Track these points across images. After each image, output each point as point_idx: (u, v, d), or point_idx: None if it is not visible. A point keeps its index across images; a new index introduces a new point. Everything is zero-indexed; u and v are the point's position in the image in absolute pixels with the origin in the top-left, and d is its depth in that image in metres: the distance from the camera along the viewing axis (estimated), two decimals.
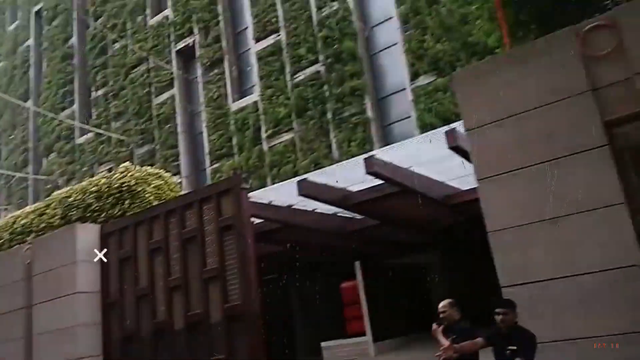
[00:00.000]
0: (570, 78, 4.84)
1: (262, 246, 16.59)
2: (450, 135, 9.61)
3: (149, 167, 11.36)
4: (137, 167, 11.00)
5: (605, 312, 4.45)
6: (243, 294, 7.48)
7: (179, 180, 24.36)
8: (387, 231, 15.86)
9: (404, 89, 18.60)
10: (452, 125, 8.83)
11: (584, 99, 4.76)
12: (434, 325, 5.00)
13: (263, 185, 19.77)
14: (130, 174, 10.56)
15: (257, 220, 14.38)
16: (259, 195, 14.18)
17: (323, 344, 16.82)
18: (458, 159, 10.10)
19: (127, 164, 11.02)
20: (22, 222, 11.89)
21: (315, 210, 14.36)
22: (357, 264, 16.70)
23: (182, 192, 13.01)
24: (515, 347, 4.05)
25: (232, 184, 8.24)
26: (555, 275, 4.72)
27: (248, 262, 7.57)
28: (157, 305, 8.63)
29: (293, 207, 13.90)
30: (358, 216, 14.73)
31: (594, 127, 4.66)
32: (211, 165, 23.65)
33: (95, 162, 27.78)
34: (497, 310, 4.30)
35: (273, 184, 18.94)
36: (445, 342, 4.65)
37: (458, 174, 11.50)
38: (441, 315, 5.09)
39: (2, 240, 12.16)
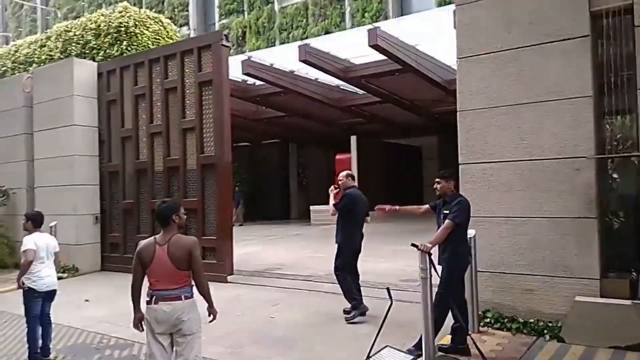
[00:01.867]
0: None
1: (262, 109, 16.99)
2: (373, 34, 9.81)
3: (148, 11, 11.13)
4: (137, 9, 10.79)
5: (546, 197, 4.76)
6: (217, 146, 7.97)
7: (188, 32, 23.86)
8: (386, 110, 15.92)
9: None
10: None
11: None
12: (332, 188, 5.98)
13: (271, 48, 19.40)
14: (129, 14, 10.41)
15: (257, 82, 14.47)
16: (262, 57, 14.06)
17: (312, 207, 17.82)
18: None
19: (125, 3, 10.77)
20: (25, 51, 11.99)
21: (318, 80, 14.31)
22: (353, 138, 17.02)
23: None
24: (447, 211, 4.44)
25: (213, 39, 8.28)
26: (510, 158, 4.96)
27: (224, 118, 7.93)
28: (140, 148, 9.24)
29: (295, 73, 13.84)
30: (360, 91, 14.70)
31: (580, 16, 4.55)
32: (220, 20, 22.93)
33: (103, 1, 26.89)
34: (435, 179, 4.65)
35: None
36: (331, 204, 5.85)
37: None
38: (339, 182, 6.00)
39: (4, 68, 12.37)
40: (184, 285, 3.36)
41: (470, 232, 4.78)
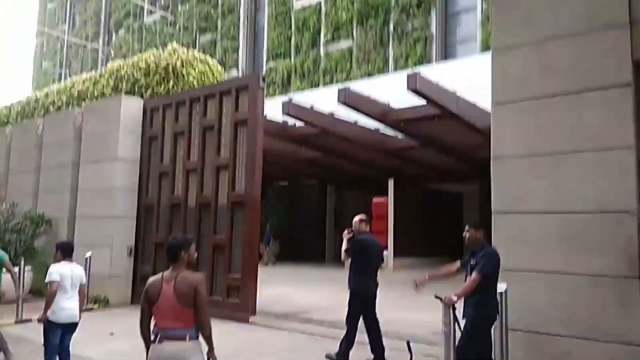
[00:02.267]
0: (610, 6, 4.47)
1: (302, 150, 17.14)
2: (412, 78, 9.76)
3: (196, 52, 11.61)
4: (184, 50, 11.26)
5: (584, 252, 4.46)
6: (248, 184, 8.06)
7: (237, 74, 24.69)
8: (426, 154, 15.73)
9: (474, 8, 17.46)
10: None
11: (618, 31, 4.40)
12: (345, 232, 5.98)
13: (314, 89, 19.77)
14: (177, 55, 10.86)
15: (298, 123, 14.68)
16: (304, 98, 14.32)
17: None
18: None
19: (175, 45, 11.28)
20: (79, 88, 12.67)
21: (357, 123, 14.37)
22: (391, 181, 16.86)
23: None
24: (474, 262, 4.24)
25: (250, 81, 8.54)
26: (548, 209, 4.70)
27: (255, 157, 8.07)
28: (176, 184, 9.47)
29: (334, 115, 13.96)
30: (400, 135, 14.64)
31: (622, 64, 4.36)
32: (267, 63, 23.70)
33: (160, 43, 28.39)
34: (466, 228, 4.46)
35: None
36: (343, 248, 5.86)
37: None
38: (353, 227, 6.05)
39: (59, 103, 13.09)
40: (189, 325, 3.22)
41: (502, 287, 4.52)
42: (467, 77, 11.09)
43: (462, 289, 4.12)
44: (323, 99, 13.67)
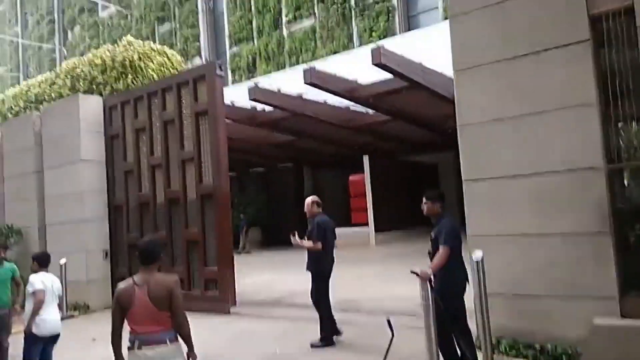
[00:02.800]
0: None
1: (275, 134, 16.94)
2: (376, 52, 9.68)
3: (152, 43, 11.25)
4: (140, 42, 10.90)
5: (556, 212, 4.47)
6: (215, 175, 7.92)
7: (200, 62, 24.21)
8: (398, 127, 15.70)
9: None
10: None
11: None
12: (292, 238, 6.07)
13: (280, 72, 19.50)
14: (132, 48, 10.51)
15: (267, 108, 14.46)
16: (271, 82, 14.08)
17: None
18: None
19: (130, 37, 10.90)
20: (35, 90, 12.21)
21: (326, 102, 14.22)
22: (366, 158, 16.83)
23: None
24: (434, 236, 4.27)
25: (207, 70, 8.33)
26: (515, 172, 4.68)
27: (220, 147, 7.90)
28: (142, 181, 9.25)
29: (303, 96, 13.77)
30: (370, 111, 14.54)
31: (578, 20, 4.32)
32: (230, 48, 23.27)
33: (117, 37, 27.57)
34: (423, 200, 4.48)
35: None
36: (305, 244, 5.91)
37: None
38: (305, 209, 6.19)
39: (17, 108, 12.61)
40: (167, 328, 3.15)
41: (478, 254, 4.51)
42: (432, 47, 10.98)
43: (434, 263, 4.13)
44: (291, 81, 13.45)
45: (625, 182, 4.36)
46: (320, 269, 5.91)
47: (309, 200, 6.27)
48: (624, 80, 4.19)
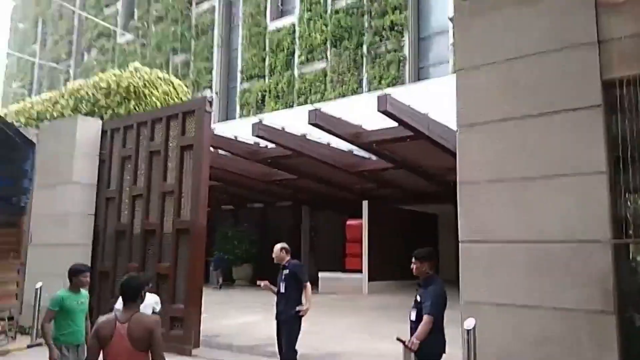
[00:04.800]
0: (577, 26, 4.25)
1: (274, 171, 16.76)
2: (382, 99, 9.68)
3: (158, 71, 11.27)
4: (148, 70, 10.90)
5: (556, 285, 4.16)
6: (193, 210, 7.83)
7: (211, 95, 24.48)
8: (400, 176, 15.52)
9: (447, 31, 17.53)
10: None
11: (586, 51, 4.17)
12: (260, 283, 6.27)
13: (287, 110, 19.55)
14: (139, 75, 10.49)
15: (270, 145, 14.35)
16: (277, 120, 14.02)
17: (321, 274, 17.12)
18: None
19: (137, 64, 10.92)
20: (38, 108, 12.14)
21: (330, 144, 14.10)
22: (365, 203, 16.57)
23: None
24: (421, 298, 4.08)
25: (197, 105, 8.35)
26: (515, 238, 4.40)
27: (201, 183, 7.87)
28: (122, 210, 9.12)
29: (307, 136, 13.67)
30: (373, 157, 14.39)
31: (590, 85, 4.14)
32: (241, 83, 23.50)
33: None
34: (412, 259, 4.25)
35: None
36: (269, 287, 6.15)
37: None
38: (273, 255, 6.33)
39: (18, 124, 12.50)
40: None
41: (470, 323, 4.21)
42: (439, 99, 10.92)
43: (419, 332, 4.01)
44: (297, 120, 13.38)
45: (632, 258, 4.06)
46: (297, 314, 5.93)
47: (278, 247, 6.32)
48: (636, 150, 3.96)
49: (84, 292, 5.15)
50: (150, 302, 5.84)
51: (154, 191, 8.59)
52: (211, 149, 11.44)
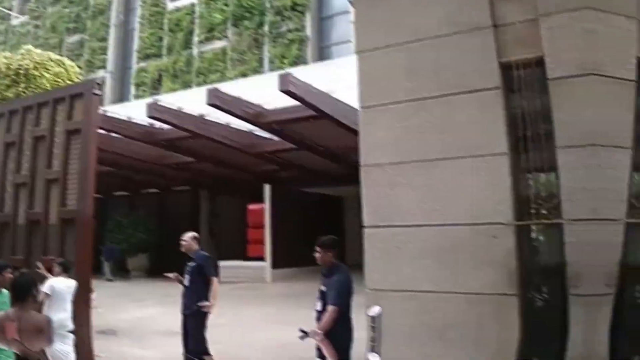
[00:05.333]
0: (473, 10, 4.19)
1: (171, 154, 15.78)
2: (284, 79, 9.66)
3: (50, 53, 10.37)
4: (39, 51, 10.06)
5: (462, 268, 4.12)
6: (79, 199, 7.17)
7: (104, 75, 23.01)
8: (303, 157, 15.25)
9: (348, 12, 17.45)
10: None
11: (483, 35, 4.10)
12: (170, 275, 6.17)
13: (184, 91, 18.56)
14: (30, 57, 9.66)
15: (166, 126, 13.44)
16: (174, 100, 13.20)
17: (221, 263, 16.50)
18: None
19: (29, 46, 10.09)
20: None
21: (229, 125, 13.49)
22: (267, 186, 16.16)
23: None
24: (325, 287, 4.00)
25: (85, 88, 7.68)
26: (420, 222, 4.26)
27: (88, 169, 7.20)
28: (5, 199, 8.15)
29: (206, 117, 12.96)
30: (275, 138, 13.99)
31: (489, 67, 4.07)
32: (138, 63, 22.09)
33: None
34: (316, 248, 4.21)
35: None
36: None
37: None
38: (182, 244, 6.12)
39: None
40: None
41: (375, 310, 4.02)
42: (342, 78, 10.79)
43: (322, 323, 3.93)
44: (195, 101, 12.63)
45: (535, 239, 4.08)
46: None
47: (188, 235, 6.10)
48: (536, 130, 3.96)
49: (4, 291, 4.76)
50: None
51: (39, 179, 7.71)
52: (102, 131, 10.50)
